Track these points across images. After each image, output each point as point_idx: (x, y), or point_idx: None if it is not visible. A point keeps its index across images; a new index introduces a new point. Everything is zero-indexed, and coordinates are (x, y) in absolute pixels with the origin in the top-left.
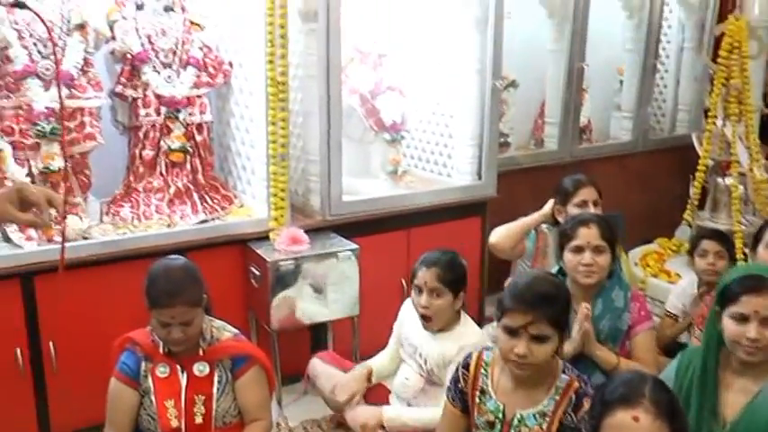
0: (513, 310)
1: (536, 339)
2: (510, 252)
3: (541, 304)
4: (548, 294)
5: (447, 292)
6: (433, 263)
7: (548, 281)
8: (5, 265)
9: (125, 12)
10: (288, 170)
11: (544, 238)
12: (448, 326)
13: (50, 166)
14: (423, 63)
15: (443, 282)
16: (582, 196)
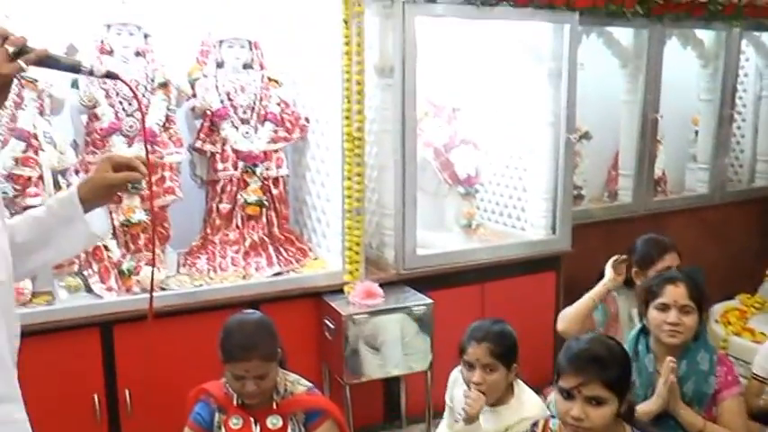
0: (567, 372)
1: (591, 402)
2: (580, 333)
3: (595, 365)
4: (601, 356)
5: (500, 365)
6: (482, 337)
7: (603, 343)
8: (86, 314)
9: (206, 70)
10: (363, 224)
11: (613, 302)
12: (503, 399)
13: (131, 219)
14: (496, 116)
15: (496, 356)
16: (667, 262)
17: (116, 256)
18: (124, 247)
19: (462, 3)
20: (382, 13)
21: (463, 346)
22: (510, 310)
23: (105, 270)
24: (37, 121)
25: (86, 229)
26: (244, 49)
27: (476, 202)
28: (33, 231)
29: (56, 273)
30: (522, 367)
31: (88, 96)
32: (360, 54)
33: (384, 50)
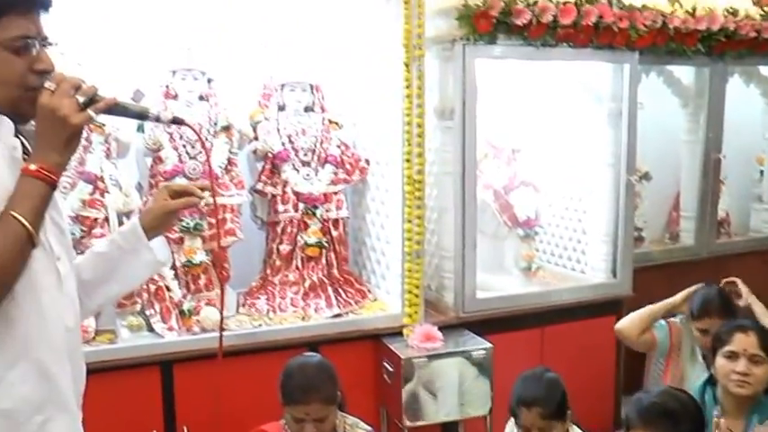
0: (637, 427)
1: None
2: (637, 339)
3: (666, 421)
4: (673, 411)
5: (556, 423)
6: (532, 401)
7: (674, 396)
8: (148, 353)
9: (268, 113)
10: (423, 267)
11: (678, 332)
12: None
13: (192, 260)
14: (555, 157)
15: (549, 417)
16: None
17: (177, 297)
18: (185, 288)
19: (522, 44)
20: (442, 55)
21: (514, 411)
22: (570, 355)
23: (167, 310)
24: (104, 165)
25: (153, 257)
26: (305, 92)
27: (535, 245)
28: (99, 267)
29: (118, 312)
30: (581, 414)
31: (153, 140)
32: (420, 97)
33: (444, 93)
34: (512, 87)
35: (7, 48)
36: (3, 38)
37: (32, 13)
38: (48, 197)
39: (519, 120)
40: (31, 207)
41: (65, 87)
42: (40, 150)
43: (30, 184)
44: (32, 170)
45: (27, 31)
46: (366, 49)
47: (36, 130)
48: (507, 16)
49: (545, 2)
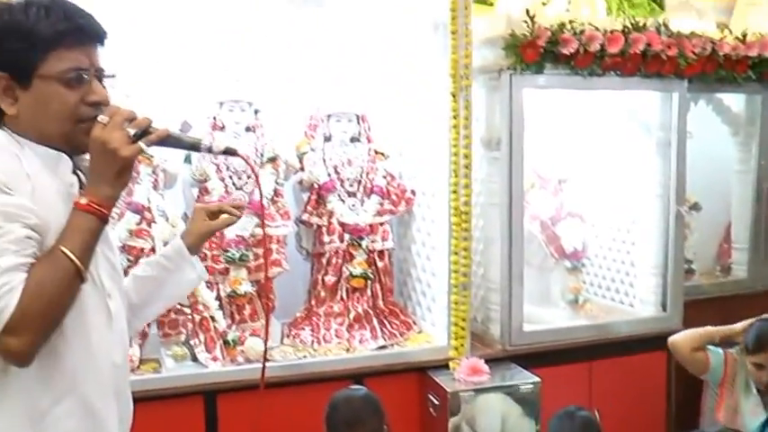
0: None
1: None
2: (689, 355)
3: None
4: None
5: None
6: None
7: None
8: (192, 383)
9: (314, 144)
10: (469, 299)
11: (733, 363)
12: None
13: (237, 291)
14: (603, 188)
15: None
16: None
17: (222, 327)
18: (230, 318)
19: (569, 73)
20: (489, 85)
21: None
22: (618, 391)
23: (211, 340)
24: (151, 195)
25: (197, 274)
26: (351, 123)
27: (582, 277)
28: (146, 290)
29: (163, 341)
30: None
31: (200, 171)
32: (467, 127)
33: (491, 123)
34: (558, 117)
35: (59, 81)
36: (54, 71)
37: (84, 45)
38: (98, 231)
39: (565, 149)
40: (81, 242)
41: (117, 120)
42: (91, 184)
43: (80, 218)
44: (83, 204)
45: (78, 63)
46: (412, 79)
47: (89, 163)
48: (554, 45)
49: (592, 30)
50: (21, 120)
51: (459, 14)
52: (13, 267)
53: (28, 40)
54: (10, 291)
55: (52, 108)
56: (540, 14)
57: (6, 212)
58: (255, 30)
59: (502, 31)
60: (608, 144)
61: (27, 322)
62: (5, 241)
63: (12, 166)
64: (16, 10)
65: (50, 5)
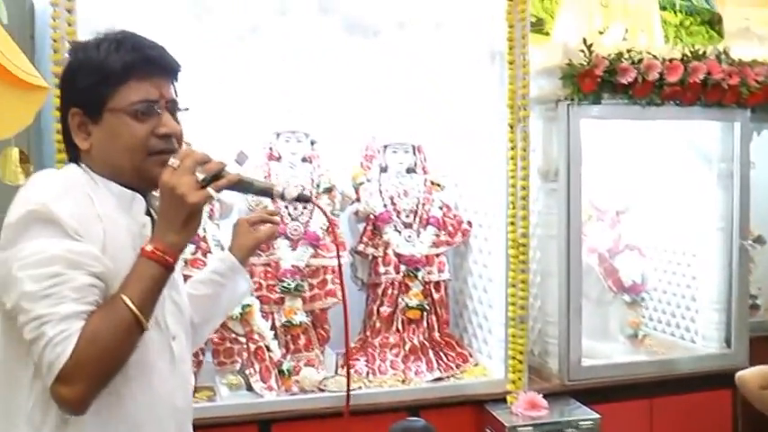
0: None
1: None
2: (757, 392)
3: None
4: None
5: None
6: None
7: None
8: (246, 411)
9: (370, 174)
10: (526, 332)
11: None
12: None
13: (292, 321)
14: (662, 220)
15: None
16: None
17: (276, 357)
18: (284, 348)
19: (627, 103)
20: (546, 115)
21: None
22: (681, 430)
23: (266, 370)
24: (207, 225)
25: (248, 284)
26: (407, 153)
27: (642, 311)
28: (204, 308)
29: (218, 370)
30: None
31: (256, 201)
32: (525, 158)
33: (548, 154)
34: (616, 147)
35: (128, 113)
36: (123, 104)
37: (153, 77)
38: (162, 279)
39: (623, 181)
40: (142, 290)
41: (187, 164)
42: (159, 230)
43: (144, 265)
44: (148, 251)
45: (147, 95)
46: (469, 109)
47: (159, 208)
48: (612, 75)
49: (650, 59)
50: (94, 155)
51: (517, 44)
52: (71, 315)
53: (98, 75)
54: (66, 338)
55: (122, 141)
56: (597, 43)
57: (70, 259)
58: (312, 60)
59: (559, 60)
60: (667, 175)
61: (80, 371)
62: (66, 288)
63: (83, 207)
64: (90, 46)
65: (122, 39)
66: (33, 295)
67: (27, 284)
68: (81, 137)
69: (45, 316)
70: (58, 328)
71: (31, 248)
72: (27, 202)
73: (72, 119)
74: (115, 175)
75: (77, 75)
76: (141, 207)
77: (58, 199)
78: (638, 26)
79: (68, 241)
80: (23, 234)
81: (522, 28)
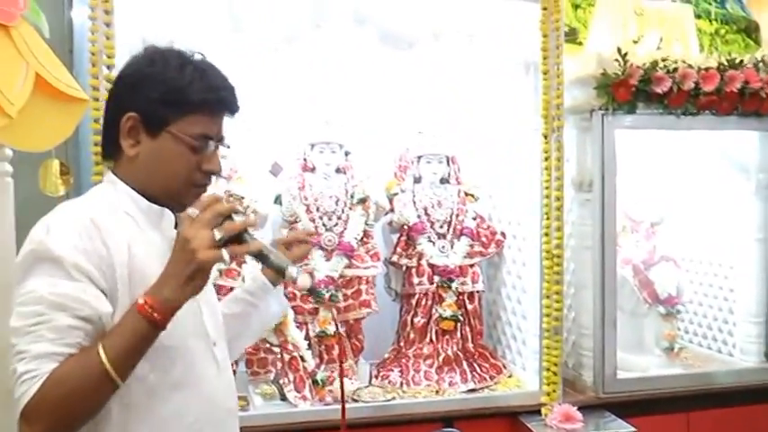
0: None
1: None
2: None
3: None
4: None
5: None
6: None
7: None
8: (281, 421)
9: (404, 185)
10: (561, 344)
11: None
12: None
13: (326, 331)
14: (698, 231)
15: None
16: None
17: (310, 367)
18: (318, 358)
19: (662, 113)
20: (580, 126)
21: None
22: None
23: (300, 380)
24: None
25: (280, 306)
26: (441, 164)
27: (677, 324)
28: (235, 326)
29: (251, 380)
30: None
31: (290, 212)
32: (559, 169)
33: (582, 164)
34: (650, 157)
35: (186, 143)
36: (185, 132)
37: (217, 115)
38: (148, 337)
39: (658, 191)
40: (122, 346)
41: (206, 217)
42: (159, 281)
43: (131, 317)
44: (139, 304)
45: (209, 130)
46: (502, 120)
47: (169, 259)
48: (647, 84)
49: (686, 68)
50: (137, 164)
51: (551, 54)
52: (43, 355)
53: (174, 95)
54: (32, 378)
55: (171, 165)
56: (632, 53)
57: (54, 302)
58: (347, 71)
59: (593, 70)
60: (703, 185)
61: (41, 413)
62: (45, 328)
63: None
64: (171, 63)
65: (205, 70)
66: (18, 331)
67: (15, 320)
68: (129, 142)
69: (22, 352)
70: (28, 366)
71: (27, 287)
72: (31, 240)
73: (126, 121)
74: (147, 190)
75: (148, 83)
76: (170, 222)
77: (59, 234)
78: (672, 35)
79: (62, 281)
80: (26, 273)
81: (557, 38)
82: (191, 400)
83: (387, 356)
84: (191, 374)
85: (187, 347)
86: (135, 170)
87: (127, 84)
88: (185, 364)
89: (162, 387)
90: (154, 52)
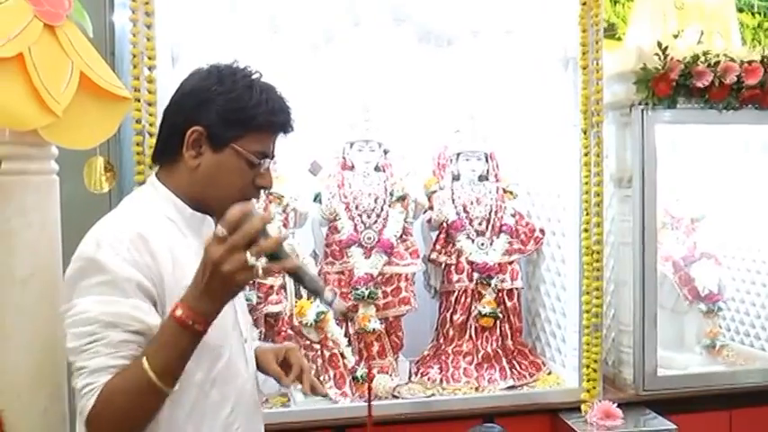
0: None
1: None
2: None
3: None
4: None
5: None
6: None
7: None
8: (321, 417)
9: (443, 183)
10: (601, 341)
11: None
12: None
13: (366, 328)
14: (739, 228)
15: None
16: None
17: (350, 364)
18: (358, 355)
19: (703, 107)
20: (620, 121)
21: None
22: None
23: (341, 376)
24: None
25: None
26: (480, 161)
27: (719, 321)
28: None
29: None
30: None
31: (330, 210)
32: (598, 165)
33: (622, 160)
34: (691, 153)
35: (245, 159)
36: (247, 149)
37: (275, 135)
38: (190, 346)
39: (698, 187)
40: (166, 356)
41: (236, 240)
42: (193, 295)
43: (172, 329)
44: (178, 316)
45: (265, 148)
46: (541, 116)
47: (196, 274)
48: (687, 78)
49: (728, 62)
50: (193, 174)
51: (590, 49)
52: (100, 369)
53: (241, 114)
54: (90, 391)
55: (229, 178)
56: (672, 47)
57: (106, 321)
58: (386, 69)
59: (633, 65)
60: (745, 181)
61: (102, 422)
62: (99, 345)
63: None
64: (239, 84)
65: (270, 95)
66: (74, 350)
67: (69, 340)
68: (192, 153)
69: (81, 369)
70: (87, 380)
71: (76, 308)
72: (78, 257)
73: (191, 134)
74: (192, 197)
75: (219, 99)
76: (210, 228)
77: (108, 249)
78: (714, 29)
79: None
80: (74, 290)
81: (596, 32)
82: (227, 395)
83: (426, 353)
84: (229, 370)
85: (228, 345)
86: (190, 179)
87: (195, 99)
88: (225, 361)
89: (206, 383)
90: (222, 69)
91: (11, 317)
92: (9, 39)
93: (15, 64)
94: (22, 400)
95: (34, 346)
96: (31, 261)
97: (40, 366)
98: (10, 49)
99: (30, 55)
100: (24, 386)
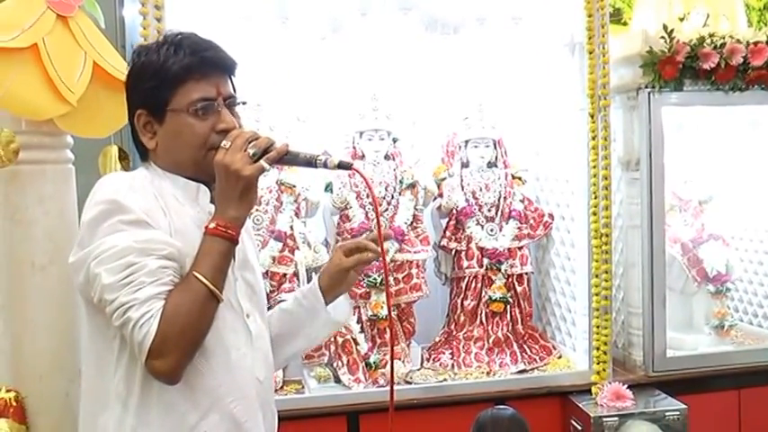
0: None
1: None
2: None
3: None
4: None
5: None
6: None
7: None
8: (334, 403)
9: (452, 170)
10: (610, 323)
11: None
12: None
13: (378, 314)
14: (747, 209)
15: None
16: None
17: (364, 350)
18: (371, 341)
19: (710, 89)
20: (626, 104)
21: None
22: None
23: (354, 362)
24: (293, 223)
25: (329, 317)
26: (488, 148)
27: (727, 302)
28: (286, 324)
29: (305, 363)
30: None
31: (341, 199)
32: (606, 148)
33: (629, 143)
34: (698, 135)
35: (188, 113)
36: (183, 104)
37: (210, 76)
38: (228, 253)
39: (705, 169)
40: (212, 265)
41: (237, 143)
42: (219, 207)
43: (210, 241)
44: (211, 228)
45: (205, 94)
46: (548, 101)
47: (216, 188)
48: (694, 61)
49: (734, 43)
50: (159, 152)
51: (596, 34)
52: (151, 297)
53: (158, 77)
54: (149, 319)
55: (184, 138)
56: (678, 30)
57: (140, 248)
58: (393, 58)
59: (639, 48)
60: (751, 162)
61: (169, 345)
62: (142, 275)
63: (149, 202)
64: (150, 50)
65: (179, 42)
66: (113, 286)
67: (105, 278)
68: (147, 136)
69: (127, 303)
70: (141, 310)
71: (104, 245)
72: (98, 202)
73: (138, 119)
74: (180, 170)
75: (140, 77)
76: (207, 196)
77: (126, 194)
78: (719, 11)
79: (137, 230)
80: (96, 232)
81: (602, 17)
82: (217, 368)
83: (437, 339)
84: (217, 343)
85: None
86: (161, 159)
87: (128, 85)
88: (213, 335)
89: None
90: (138, 49)
91: (30, 303)
92: (23, 30)
93: (30, 55)
94: (43, 386)
95: (53, 332)
96: (49, 249)
97: (60, 352)
98: (25, 40)
99: (44, 46)
100: (45, 372)
